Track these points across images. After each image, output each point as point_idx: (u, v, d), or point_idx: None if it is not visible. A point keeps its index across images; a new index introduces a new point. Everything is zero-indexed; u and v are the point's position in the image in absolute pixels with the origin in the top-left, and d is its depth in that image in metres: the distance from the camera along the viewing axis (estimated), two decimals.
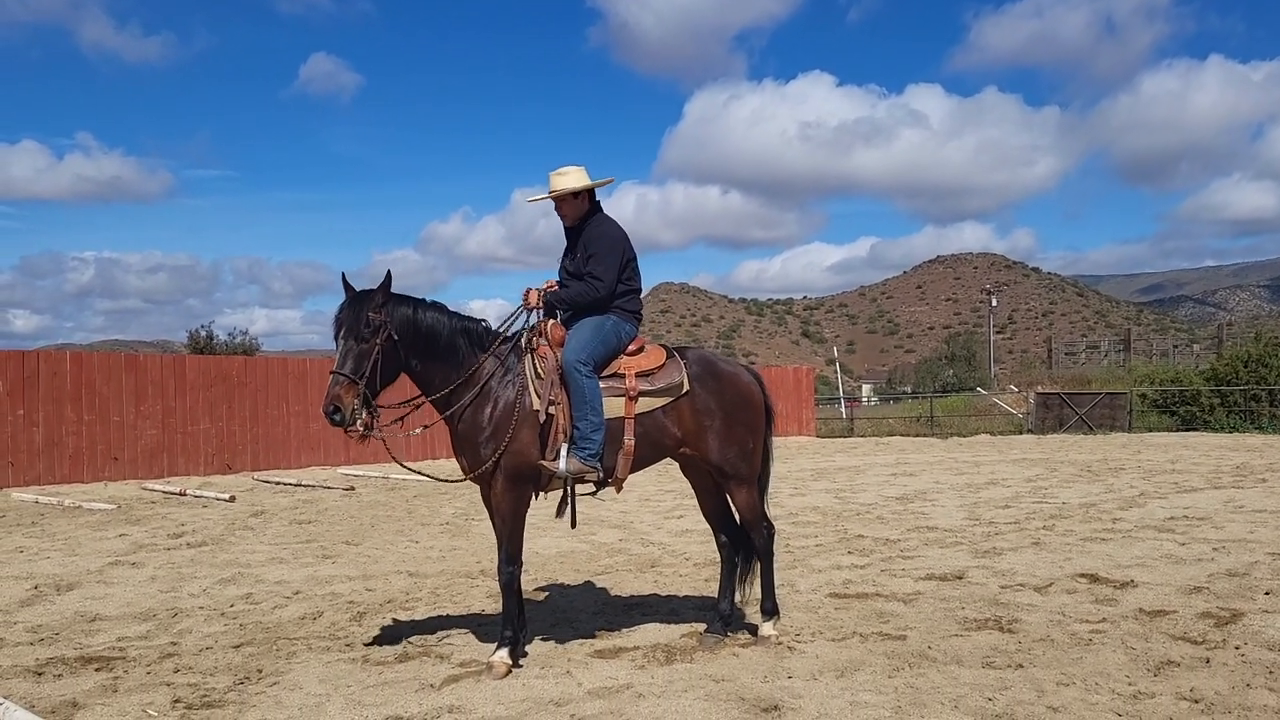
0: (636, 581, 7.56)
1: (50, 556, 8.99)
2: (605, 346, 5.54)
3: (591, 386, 5.36)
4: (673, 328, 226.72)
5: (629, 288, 5.77)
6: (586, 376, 5.36)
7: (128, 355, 18.17)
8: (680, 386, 5.59)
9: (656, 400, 5.54)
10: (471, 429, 5.35)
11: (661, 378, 5.58)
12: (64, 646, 5.83)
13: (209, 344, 37.41)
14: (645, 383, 5.54)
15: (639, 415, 5.50)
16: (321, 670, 5.25)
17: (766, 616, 5.80)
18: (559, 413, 5.34)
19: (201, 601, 7.05)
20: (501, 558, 5.38)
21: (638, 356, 5.64)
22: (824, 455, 21.65)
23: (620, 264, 5.67)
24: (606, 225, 5.75)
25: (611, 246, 5.65)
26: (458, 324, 5.46)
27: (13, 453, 15.31)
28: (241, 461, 17.86)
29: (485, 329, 5.58)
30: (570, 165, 5.79)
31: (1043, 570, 7.68)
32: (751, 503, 5.82)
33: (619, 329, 5.65)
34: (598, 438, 5.33)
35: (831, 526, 10.34)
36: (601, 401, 5.38)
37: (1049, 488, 13.83)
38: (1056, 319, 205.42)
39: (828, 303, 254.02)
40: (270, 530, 10.67)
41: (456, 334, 5.42)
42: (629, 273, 5.76)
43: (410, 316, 5.28)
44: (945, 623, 6.06)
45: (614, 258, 5.63)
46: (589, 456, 5.31)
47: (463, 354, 5.41)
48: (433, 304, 5.49)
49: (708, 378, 5.69)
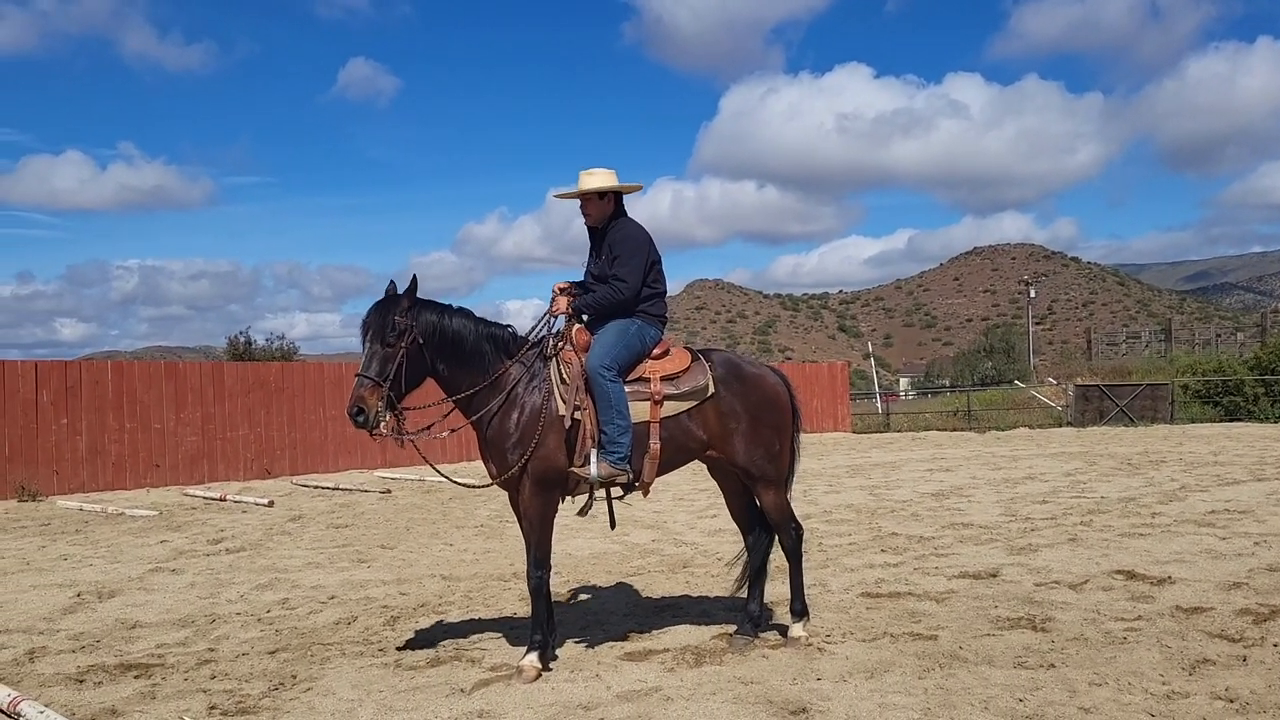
0: (668, 583, 7.57)
1: (93, 564, 9.16)
2: (629, 351, 5.56)
3: (616, 390, 5.38)
4: (708, 324, 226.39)
5: (654, 291, 5.77)
6: (611, 381, 5.38)
7: (167, 363, 18.46)
8: (705, 389, 5.59)
9: (682, 404, 5.55)
10: (499, 435, 5.41)
11: (686, 381, 5.58)
12: (104, 654, 5.95)
13: (248, 349, 37.78)
14: (670, 386, 5.55)
15: (664, 419, 5.50)
16: (354, 675, 5.32)
17: (796, 618, 5.80)
18: (585, 418, 5.36)
19: (239, 607, 7.16)
20: (530, 562, 5.42)
21: (663, 360, 5.64)
22: (859, 451, 21.54)
23: (645, 266, 5.67)
24: (631, 228, 5.76)
25: (636, 249, 5.66)
26: (483, 330, 5.52)
27: (57, 461, 15.60)
28: (280, 466, 18.08)
29: (512, 335, 5.64)
30: (600, 168, 5.80)
31: (1078, 567, 7.60)
32: (780, 504, 5.82)
33: (643, 333, 5.66)
34: (625, 441, 5.36)
35: (865, 524, 10.29)
36: (627, 405, 5.40)
37: (1087, 482, 13.66)
38: (1097, 309, 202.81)
39: (864, 296, 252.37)
40: (307, 535, 10.80)
41: (482, 339, 5.48)
42: (654, 275, 5.77)
43: (435, 322, 5.35)
44: (978, 622, 6.02)
45: (639, 260, 5.64)
46: (619, 460, 5.34)
47: (488, 359, 5.47)
48: (459, 310, 5.56)
49: (733, 380, 5.69)
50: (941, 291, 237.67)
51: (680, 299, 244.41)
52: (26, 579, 8.46)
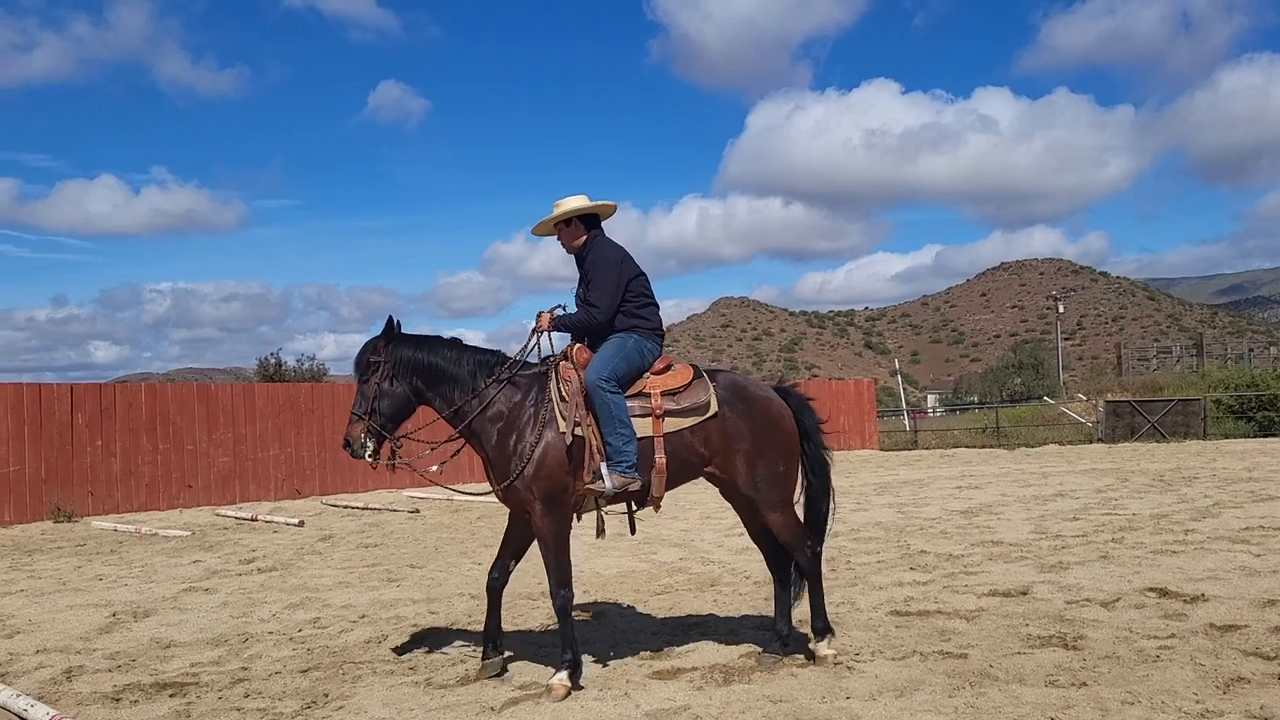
0: (696, 601, 7.58)
1: (128, 584, 9.28)
2: (627, 363, 5.63)
3: (617, 401, 5.47)
4: (734, 341, 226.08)
5: (643, 302, 5.83)
6: (610, 392, 5.45)
7: (200, 385, 18.69)
8: (707, 407, 5.62)
9: (684, 420, 5.60)
10: (500, 456, 5.52)
11: (687, 397, 5.64)
12: (140, 673, 6.03)
13: (278, 371, 38.16)
14: (671, 401, 5.62)
15: (667, 434, 5.55)
16: (385, 694, 5.36)
17: (819, 636, 5.79)
18: (589, 433, 5.44)
19: (271, 626, 7.23)
20: (553, 582, 5.47)
21: (664, 375, 5.72)
22: (887, 469, 21.43)
23: (617, 286, 5.73)
24: (603, 249, 5.85)
25: (606, 271, 5.74)
26: (466, 355, 5.73)
27: (92, 482, 15.81)
28: (310, 486, 18.23)
29: (499, 358, 5.79)
30: (573, 195, 5.94)
31: (1110, 584, 7.54)
32: (788, 524, 5.79)
33: (641, 347, 5.72)
34: (632, 450, 5.43)
35: (894, 542, 10.25)
36: (629, 414, 5.47)
37: (1119, 499, 13.54)
38: (1127, 324, 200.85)
39: (890, 313, 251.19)
40: (338, 554, 10.89)
41: (462, 364, 5.69)
42: (636, 289, 5.82)
43: (410, 355, 5.66)
44: (1008, 640, 5.99)
45: (609, 282, 5.72)
46: (628, 469, 5.41)
47: (468, 382, 5.64)
48: (443, 340, 5.81)
49: (737, 401, 5.70)
50: (969, 307, 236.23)
51: (706, 317, 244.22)
52: (63, 599, 8.58)
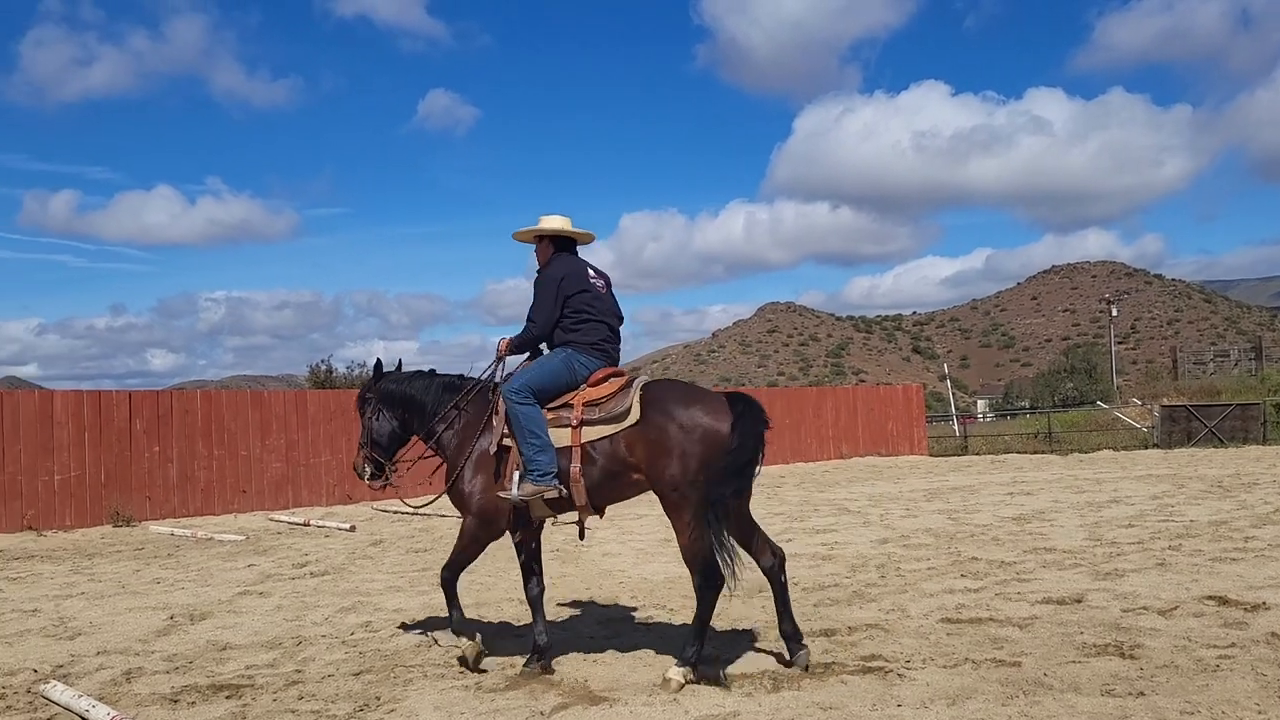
0: (743, 607, 7.55)
1: (185, 587, 9.46)
2: (548, 377, 5.87)
3: (526, 412, 5.71)
4: (780, 347, 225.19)
5: (581, 318, 6.04)
6: (519, 403, 5.73)
7: (253, 392, 19.00)
8: (625, 414, 5.63)
9: (603, 429, 5.66)
10: (448, 463, 6.20)
11: (608, 406, 5.73)
12: (197, 675, 6.14)
13: (329, 377, 38.61)
14: (591, 411, 5.74)
15: (586, 443, 5.67)
16: (436, 697, 5.41)
17: (682, 662, 5.45)
18: (515, 444, 5.75)
19: (324, 630, 7.33)
20: (447, 561, 6.14)
21: (595, 387, 5.85)
22: (937, 475, 21.21)
23: (552, 302, 6.02)
24: (550, 268, 6.14)
25: (545, 289, 6.08)
26: (434, 383, 6.43)
27: (149, 488, 16.13)
28: (360, 491, 18.42)
29: (463, 382, 6.39)
30: (557, 215, 6.35)
31: (1168, 592, 7.40)
32: (689, 543, 5.44)
33: (571, 361, 5.94)
34: (543, 459, 5.63)
35: (944, 549, 10.14)
36: (541, 425, 5.70)
37: (1176, 505, 13.28)
38: (1183, 327, 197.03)
39: (938, 317, 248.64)
40: (388, 559, 11.01)
41: (429, 392, 6.39)
42: (576, 305, 6.05)
43: (390, 389, 6.52)
44: (1062, 648, 5.90)
45: (544, 299, 6.05)
46: (538, 477, 5.61)
47: (434, 405, 6.33)
48: (421, 373, 6.57)
49: (662, 409, 5.56)
50: (1019, 311, 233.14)
51: (752, 323, 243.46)
52: (122, 602, 8.77)
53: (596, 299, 6.13)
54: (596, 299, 6.13)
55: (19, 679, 6.16)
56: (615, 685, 5.50)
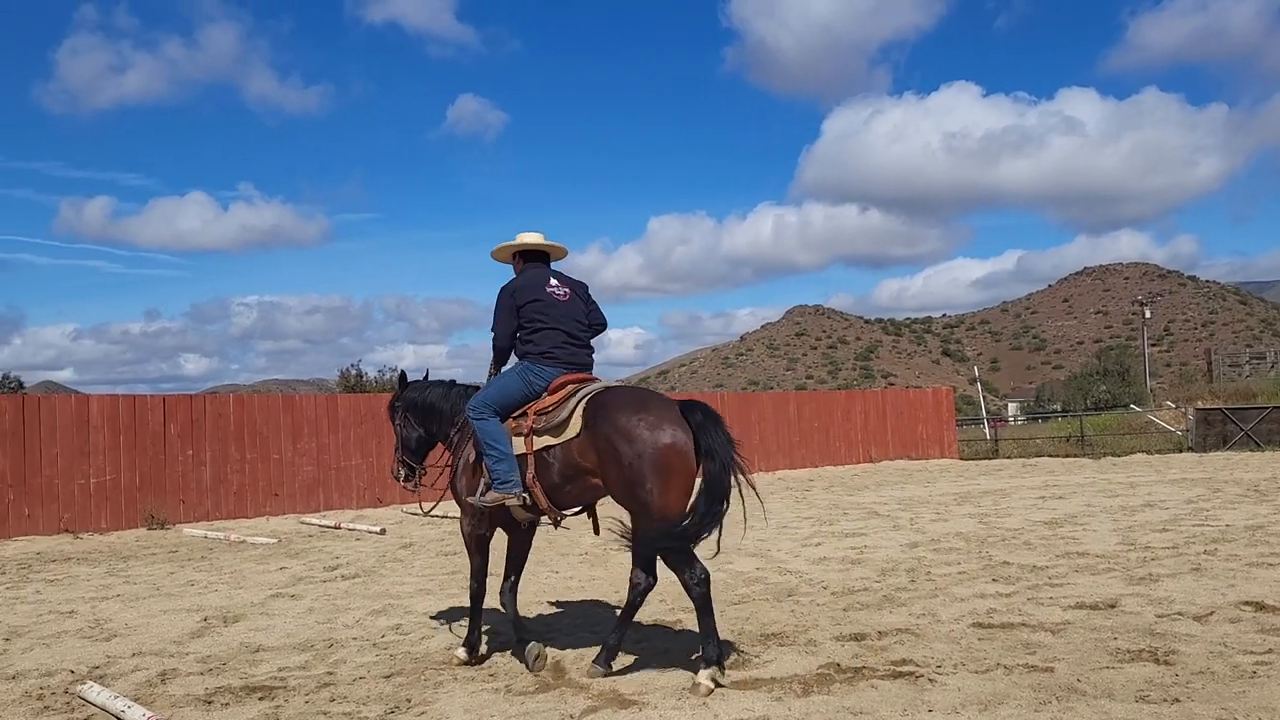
0: (773, 611, 7.54)
1: (218, 589, 9.56)
2: (501, 393, 6.15)
3: (482, 426, 6.04)
4: (808, 350, 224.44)
5: (535, 328, 6.21)
6: (477, 419, 6.09)
7: (285, 396, 19.16)
8: (566, 424, 5.80)
9: (551, 437, 5.89)
10: (450, 473, 6.62)
11: (553, 415, 5.91)
12: (230, 676, 6.20)
13: (359, 381, 38.92)
14: (539, 420, 5.96)
15: (538, 451, 5.93)
16: (466, 700, 5.44)
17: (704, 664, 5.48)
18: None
19: (355, 632, 7.38)
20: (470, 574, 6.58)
21: (552, 395, 6.06)
22: (967, 478, 21.06)
23: (506, 314, 6.28)
24: (510, 281, 6.43)
25: (499, 302, 6.35)
26: (452, 391, 6.84)
27: (183, 491, 16.32)
28: (391, 494, 18.55)
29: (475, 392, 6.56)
30: (532, 232, 6.67)
31: (1203, 598, 7.31)
32: (644, 549, 5.66)
33: (526, 374, 6.17)
34: (502, 469, 5.94)
35: (975, 553, 10.07)
36: (499, 437, 5.99)
37: (1211, 509, 13.11)
38: (1217, 329, 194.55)
39: (968, 320, 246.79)
40: (418, 562, 11.07)
41: (447, 399, 6.79)
42: (529, 314, 6.22)
43: (413, 397, 6.94)
44: (1096, 654, 5.85)
45: (499, 311, 6.33)
46: (499, 485, 5.95)
47: (453, 413, 6.71)
48: (441, 382, 6.99)
49: (604, 416, 5.62)
50: (1050, 313, 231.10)
51: (780, 326, 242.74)
52: (157, 604, 8.87)
53: (551, 306, 6.23)
54: (551, 306, 6.23)
55: (56, 680, 6.25)
56: (645, 689, 5.50)
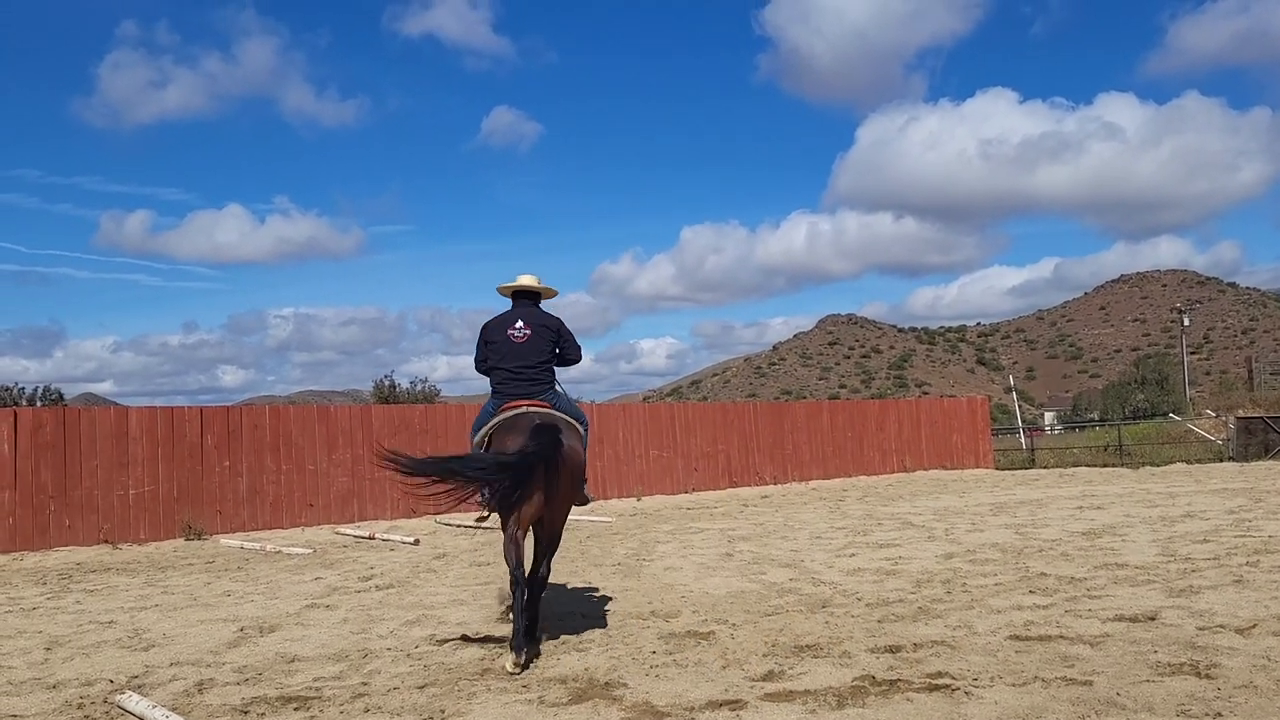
0: (807, 622, 7.49)
1: (254, 599, 9.64)
2: (477, 421, 7.39)
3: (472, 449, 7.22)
4: (841, 359, 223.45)
5: (489, 365, 7.29)
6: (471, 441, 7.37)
7: (320, 407, 19.35)
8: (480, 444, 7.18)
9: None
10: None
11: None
12: (266, 686, 6.25)
13: (393, 392, 39.21)
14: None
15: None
16: (499, 711, 5.45)
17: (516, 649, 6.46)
18: None
19: (389, 643, 7.42)
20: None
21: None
22: (1003, 488, 20.85)
23: (479, 347, 7.37)
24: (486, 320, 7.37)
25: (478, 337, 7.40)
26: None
27: (220, 501, 16.50)
28: (425, 505, 18.62)
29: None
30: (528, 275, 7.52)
31: (1246, 610, 7.18)
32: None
33: (488, 406, 7.30)
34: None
35: (1011, 564, 9.96)
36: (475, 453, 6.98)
37: (1253, 520, 12.89)
38: (1258, 336, 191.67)
39: (1003, 328, 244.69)
40: (452, 572, 11.11)
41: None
42: (487, 353, 7.29)
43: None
44: (1136, 667, 5.76)
45: (477, 346, 7.42)
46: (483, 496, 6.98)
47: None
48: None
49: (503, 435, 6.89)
50: (1087, 321, 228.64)
51: (813, 335, 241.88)
52: (194, 614, 8.97)
53: (503, 345, 7.17)
54: (503, 345, 7.17)
55: (96, 689, 6.33)
56: (678, 701, 5.48)
